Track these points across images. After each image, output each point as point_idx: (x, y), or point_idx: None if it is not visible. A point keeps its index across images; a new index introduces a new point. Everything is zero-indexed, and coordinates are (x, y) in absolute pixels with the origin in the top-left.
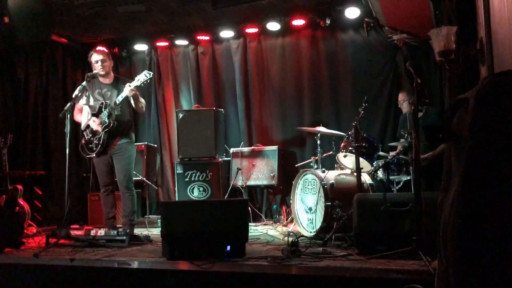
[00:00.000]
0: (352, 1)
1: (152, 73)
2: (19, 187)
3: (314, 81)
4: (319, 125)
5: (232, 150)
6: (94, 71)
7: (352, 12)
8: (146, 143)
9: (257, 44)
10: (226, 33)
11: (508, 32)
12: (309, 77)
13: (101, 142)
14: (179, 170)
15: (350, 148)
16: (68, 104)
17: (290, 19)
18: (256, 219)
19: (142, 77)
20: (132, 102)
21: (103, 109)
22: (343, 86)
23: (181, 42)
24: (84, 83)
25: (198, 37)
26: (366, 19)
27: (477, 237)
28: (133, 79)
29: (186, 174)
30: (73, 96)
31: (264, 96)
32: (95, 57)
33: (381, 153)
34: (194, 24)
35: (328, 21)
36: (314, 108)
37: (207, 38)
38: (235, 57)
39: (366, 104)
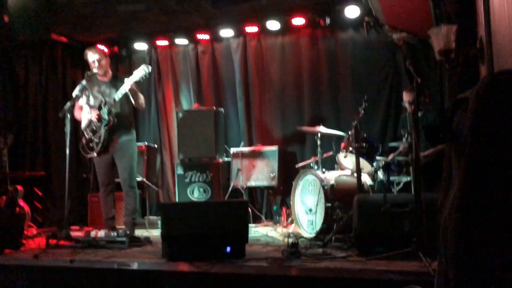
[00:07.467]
0: (352, 0)
1: (150, 67)
2: (19, 188)
3: (314, 80)
4: (319, 125)
5: (232, 150)
6: (94, 70)
7: (352, 11)
8: (146, 143)
9: (257, 43)
10: (226, 32)
11: (508, 32)
12: (309, 76)
13: (101, 141)
14: (179, 171)
15: (350, 149)
16: (68, 104)
17: (290, 18)
18: (256, 220)
19: (141, 71)
20: (131, 98)
21: (102, 107)
22: (343, 86)
23: (181, 41)
24: (83, 81)
25: (198, 36)
26: (366, 18)
27: (477, 237)
28: (132, 75)
29: (186, 175)
30: (73, 95)
31: (264, 95)
32: (91, 57)
33: (379, 157)
34: (193, 23)
35: (328, 20)
36: (314, 107)
37: (207, 37)
38: (235, 56)
39: (366, 104)
